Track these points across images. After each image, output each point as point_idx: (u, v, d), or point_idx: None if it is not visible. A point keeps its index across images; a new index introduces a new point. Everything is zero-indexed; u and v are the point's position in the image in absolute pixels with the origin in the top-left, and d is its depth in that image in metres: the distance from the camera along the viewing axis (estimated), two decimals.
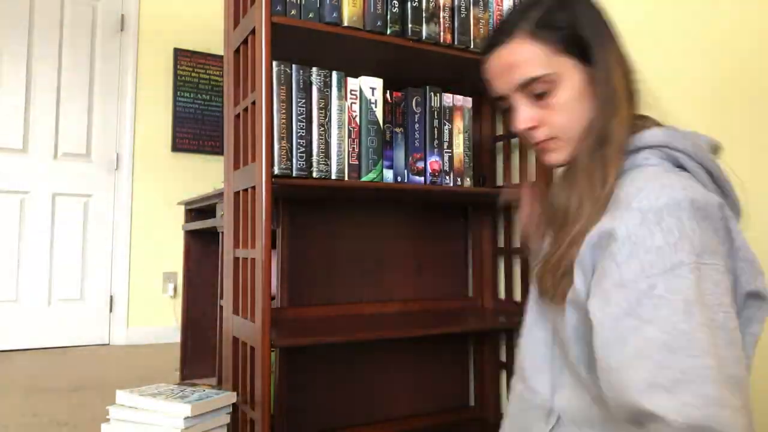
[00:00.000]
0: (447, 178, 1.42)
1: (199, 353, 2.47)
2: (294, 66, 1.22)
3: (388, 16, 1.32)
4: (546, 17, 0.74)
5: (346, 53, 1.38)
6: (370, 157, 1.31)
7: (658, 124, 0.76)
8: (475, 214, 1.81)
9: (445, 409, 1.74)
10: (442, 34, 1.38)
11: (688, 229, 0.61)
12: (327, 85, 1.26)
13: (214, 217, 2.14)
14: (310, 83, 1.25)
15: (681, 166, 0.70)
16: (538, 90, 0.75)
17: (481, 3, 1.45)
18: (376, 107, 1.32)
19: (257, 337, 1.17)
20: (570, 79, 0.74)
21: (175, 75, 3.58)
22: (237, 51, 1.37)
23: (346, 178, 1.28)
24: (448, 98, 1.44)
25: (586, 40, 0.73)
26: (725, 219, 0.64)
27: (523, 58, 0.75)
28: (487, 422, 1.73)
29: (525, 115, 0.77)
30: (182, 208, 2.68)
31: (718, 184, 0.70)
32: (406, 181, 1.38)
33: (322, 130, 1.25)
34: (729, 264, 0.64)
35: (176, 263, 3.43)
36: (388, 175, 1.36)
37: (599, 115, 0.73)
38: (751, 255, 0.66)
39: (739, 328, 0.63)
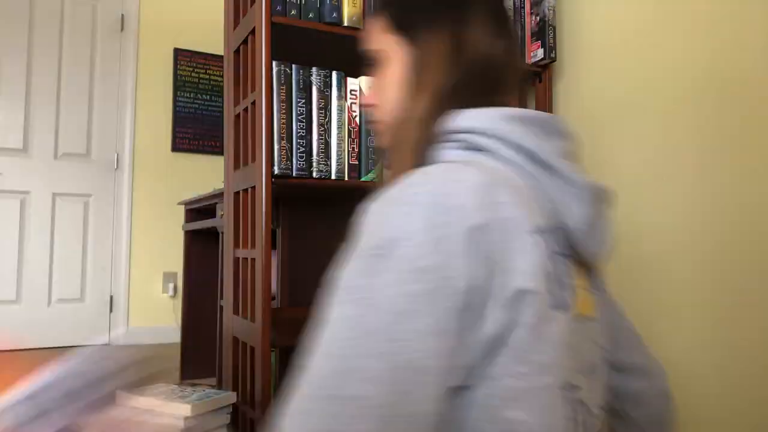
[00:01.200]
0: None
1: (199, 353, 2.47)
2: (294, 66, 1.22)
3: None
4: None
5: (346, 53, 1.38)
6: (369, 157, 1.31)
7: None
8: None
9: None
10: None
11: (401, 220, 0.49)
12: (327, 85, 1.26)
13: (214, 217, 2.14)
14: (310, 83, 1.25)
15: (480, 148, 0.60)
16: (374, 63, 0.72)
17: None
18: None
19: (257, 337, 1.17)
20: (394, 61, 0.69)
21: (175, 75, 3.58)
22: (237, 51, 1.37)
23: (346, 178, 1.28)
24: None
25: (408, 22, 0.68)
26: (479, 232, 0.49)
27: (369, 28, 0.74)
28: None
29: (368, 91, 0.74)
30: (182, 208, 2.68)
31: (536, 159, 0.59)
32: None
33: (322, 130, 1.25)
34: (458, 276, 0.47)
35: (176, 263, 3.43)
36: (388, 175, 1.36)
37: (400, 96, 0.67)
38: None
39: (535, 327, 0.49)
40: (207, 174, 3.54)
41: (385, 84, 0.70)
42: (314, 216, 1.56)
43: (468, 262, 0.48)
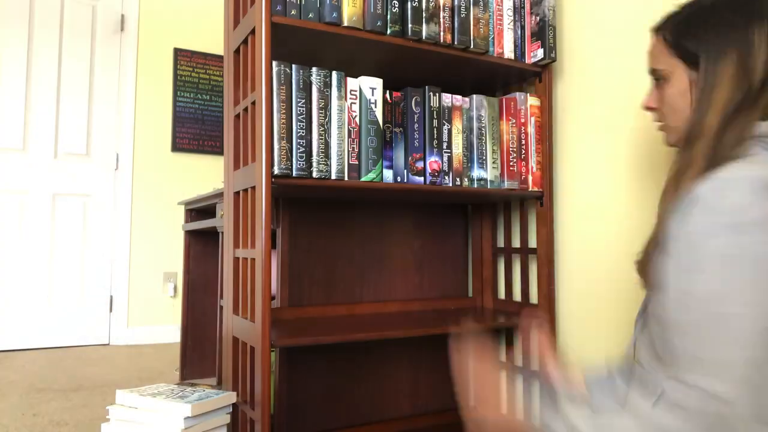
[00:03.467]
0: (446, 178, 1.42)
1: (199, 353, 2.47)
2: (294, 66, 1.22)
3: (388, 16, 1.32)
4: (677, 27, 0.89)
5: (346, 53, 1.38)
6: (369, 157, 1.31)
7: None
8: (475, 214, 1.82)
9: (445, 409, 1.74)
10: (442, 34, 1.38)
11: (746, 201, 0.69)
12: (327, 85, 1.26)
13: (214, 217, 2.14)
14: (310, 83, 1.25)
15: None
16: (657, 78, 0.91)
17: (481, 3, 1.45)
18: (375, 107, 1.32)
19: (257, 337, 1.17)
20: (678, 79, 0.88)
21: (175, 75, 3.58)
22: (237, 51, 1.37)
23: (346, 178, 1.28)
24: (447, 98, 1.44)
25: (698, 53, 0.85)
26: None
27: (652, 53, 0.93)
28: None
29: (649, 96, 0.95)
30: (182, 208, 2.68)
31: None
32: (405, 181, 1.38)
33: (322, 130, 1.25)
34: None
35: (176, 263, 3.44)
36: (388, 175, 1.36)
37: (693, 115, 0.84)
38: None
39: None
40: (207, 174, 3.54)
41: (666, 96, 0.90)
42: (314, 216, 1.56)
43: None
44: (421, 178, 1.39)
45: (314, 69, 1.25)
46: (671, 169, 0.84)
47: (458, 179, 1.44)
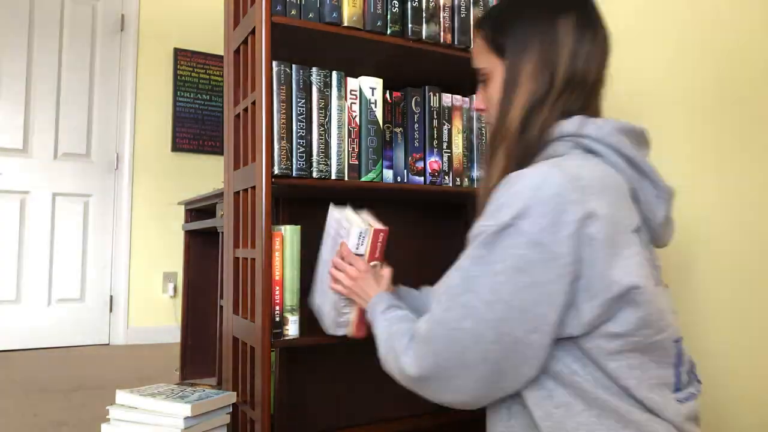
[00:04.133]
0: (446, 178, 1.42)
1: (199, 353, 2.47)
2: (294, 66, 1.22)
3: (388, 16, 1.32)
4: (492, 22, 0.88)
5: (346, 53, 1.38)
6: (369, 157, 1.31)
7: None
8: (475, 214, 1.81)
9: (444, 409, 1.73)
10: (442, 34, 1.38)
11: (526, 195, 0.69)
12: (327, 85, 1.26)
13: (214, 217, 2.14)
14: (310, 83, 1.25)
15: (593, 151, 0.77)
16: (481, 79, 0.89)
17: (481, 3, 1.45)
18: (375, 107, 1.32)
19: (257, 337, 1.17)
20: (496, 76, 0.86)
21: (175, 75, 3.58)
22: (237, 51, 1.37)
23: (346, 178, 1.28)
24: (447, 98, 1.44)
25: (501, 44, 0.84)
26: (581, 206, 0.67)
27: (474, 51, 0.91)
28: None
29: (477, 98, 0.93)
30: (182, 208, 2.68)
31: (635, 166, 0.76)
32: (405, 181, 1.38)
33: (322, 130, 1.25)
34: (568, 251, 0.67)
35: (176, 263, 3.44)
36: (388, 175, 1.36)
37: (499, 111, 0.83)
38: (616, 245, 0.69)
39: (615, 312, 0.69)
40: (207, 174, 3.54)
41: (490, 95, 0.87)
42: (314, 216, 1.56)
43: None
44: (421, 178, 1.39)
45: (314, 69, 1.25)
46: (483, 170, 0.84)
47: (458, 179, 1.44)
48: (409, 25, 1.33)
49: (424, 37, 1.35)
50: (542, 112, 0.79)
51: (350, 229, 1.10)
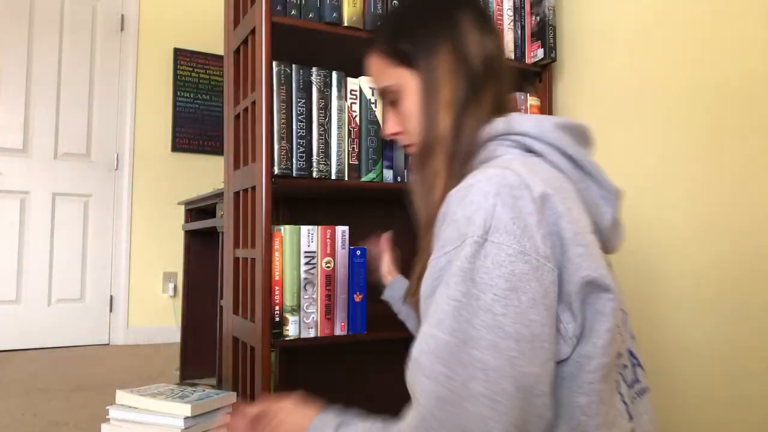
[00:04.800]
0: None
1: (199, 353, 2.47)
2: (294, 66, 1.22)
3: None
4: (388, 34, 0.81)
5: (346, 53, 1.38)
6: (369, 157, 1.31)
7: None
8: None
9: None
10: None
11: (488, 205, 0.59)
12: (327, 85, 1.26)
13: (214, 217, 2.14)
14: (310, 83, 1.25)
15: (532, 151, 0.70)
16: (391, 99, 0.81)
17: (481, 3, 1.45)
18: (375, 107, 1.32)
19: (257, 337, 1.17)
20: (409, 89, 0.78)
21: (175, 75, 3.58)
22: (237, 51, 1.37)
23: (346, 178, 1.28)
24: None
25: (414, 53, 0.77)
26: (548, 204, 0.61)
27: (373, 72, 0.83)
28: None
29: (387, 122, 0.83)
30: (182, 208, 2.68)
31: (578, 165, 0.70)
32: (405, 181, 1.38)
33: (322, 130, 1.25)
34: (547, 252, 0.59)
35: (176, 263, 3.43)
36: (388, 175, 1.36)
37: (423, 120, 0.76)
38: (583, 243, 0.61)
39: (590, 324, 0.61)
40: (207, 174, 3.54)
41: (405, 112, 0.79)
42: (314, 216, 1.56)
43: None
44: None
45: (314, 69, 1.25)
46: (415, 188, 0.76)
47: None
48: None
49: None
50: (471, 110, 0.73)
51: None
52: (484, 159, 0.71)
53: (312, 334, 1.22)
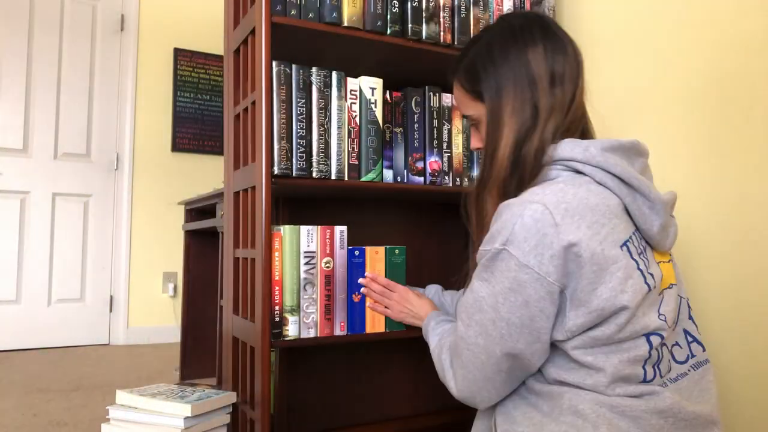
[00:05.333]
0: (446, 178, 1.42)
1: (199, 353, 2.47)
2: (294, 66, 1.22)
3: (388, 16, 1.32)
4: (466, 71, 0.94)
5: (346, 53, 1.38)
6: (369, 157, 1.31)
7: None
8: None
9: (445, 409, 1.74)
10: (442, 34, 1.38)
11: (511, 223, 0.76)
12: (327, 85, 1.26)
13: (214, 217, 2.14)
14: (310, 83, 1.25)
15: (581, 172, 0.82)
16: (472, 123, 0.97)
17: (481, 3, 1.45)
18: (375, 107, 1.32)
19: (257, 337, 1.17)
20: (484, 118, 0.91)
21: (175, 75, 3.58)
22: (237, 51, 1.37)
23: (346, 178, 1.28)
24: (447, 98, 1.44)
25: (482, 91, 0.90)
26: (560, 232, 0.74)
27: (457, 101, 0.97)
28: None
29: (473, 138, 0.99)
30: (182, 208, 2.68)
31: (624, 182, 0.80)
32: (405, 181, 1.38)
33: (322, 130, 1.25)
34: (552, 270, 0.74)
35: (176, 263, 3.44)
36: (388, 175, 1.36)
37: (484, 151, 0.90)
38: (598, 263, 0.74)
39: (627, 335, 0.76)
40: (207, 174, 3.54)
41: (484, 135, 0.92)
42: (314, 216, 1.56)
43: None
44: (421, 178, 1.39)
45: (314, 69, 1.25)
46: (471, 206, 0.93)
47: (458, 179, 1.44)
48: (409, 25, 1.33)
49: (424, 37, 1.35)
50: (531, 142, 0.84)
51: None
52: (540, 181, 0.83)
53: (312, 334, 1.22)
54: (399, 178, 1.37)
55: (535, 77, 0.85)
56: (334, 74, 1.27)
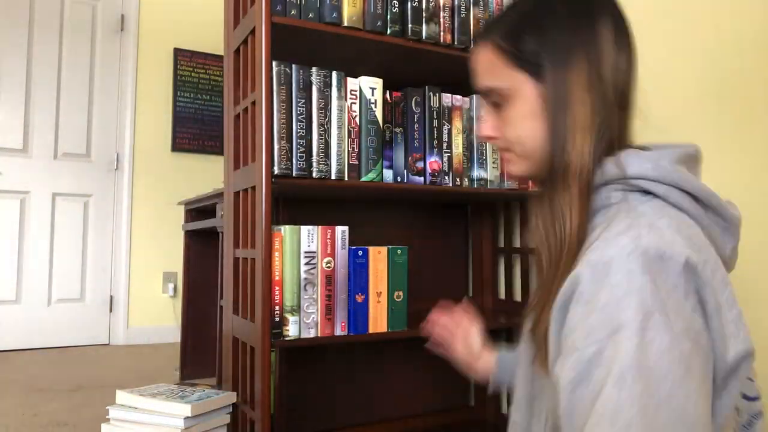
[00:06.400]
0: (446, 178, 1.42)
1: (199, 353, 2.47)
2: (294, 66, 1.22)
3: (388, 16, 1.32)
4: (510, 29, 0.70)
5: (346, 53, 1.38)
6: (369, 157, 1.31)
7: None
8: (475, 214, 1.82)
9: (445, 409, 1.74)
10: (442, 34, 1.38)
11: (637, 284, 0.54)
12: (327, 85, 1.26)
13: (214, 217, 2.14)
14: (310, 83, 1.25)
15: (650, 192, 0.63)
16: (494, 100, 0.72)
17: (481, 3, 1.45)
18: (375, 107, 1.32)
19: (257, 337, 1.17)
20: (523, 96, 0.68)
21: (175, 75, 3.58)
22: (237, 51, 1.37)
23: (346, 178, 1.28)
24: (447, 98, 1.44)
25: (541, 59, 0.67)
26: (692, 272, 0.56)
27: (482, 67, 0.72)
28: (487, 422, 1.73)
29: (485, 123, 0.74)
30: (182, 208, 2.68)
31: (699, 200, 0.63)
32: (405, 181, 1.38)
33: (322, 130, 1.25)
34: (700, 323, 0.55)
35: (176, 263, 3.43)
36: (388, 175, 1.36)
37: (551, 140, 0.67)
38: (725, 310, 0.57)
39: (729, 396, 0.57)
40: (207, 174, 3.54)
41: (510, 119, 0.70)
42: (314, 216, 1.56)
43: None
44: (421, 178, 1.39)
45: (314, 69, 1.25)
46: (538, 211, 0.68)
47: (458, 179, 1.44)
48: (409, 25, 1.33)
49: (424, 37, 1.35)
50: (600, 142, 0.65)
51: None
52: (599, 207, 0.64)
53: (312, 334, 1.22)
54: (399, 178, 1.37)
55: (605, 57, 0.66)
56: (334, 74, 1.27)
